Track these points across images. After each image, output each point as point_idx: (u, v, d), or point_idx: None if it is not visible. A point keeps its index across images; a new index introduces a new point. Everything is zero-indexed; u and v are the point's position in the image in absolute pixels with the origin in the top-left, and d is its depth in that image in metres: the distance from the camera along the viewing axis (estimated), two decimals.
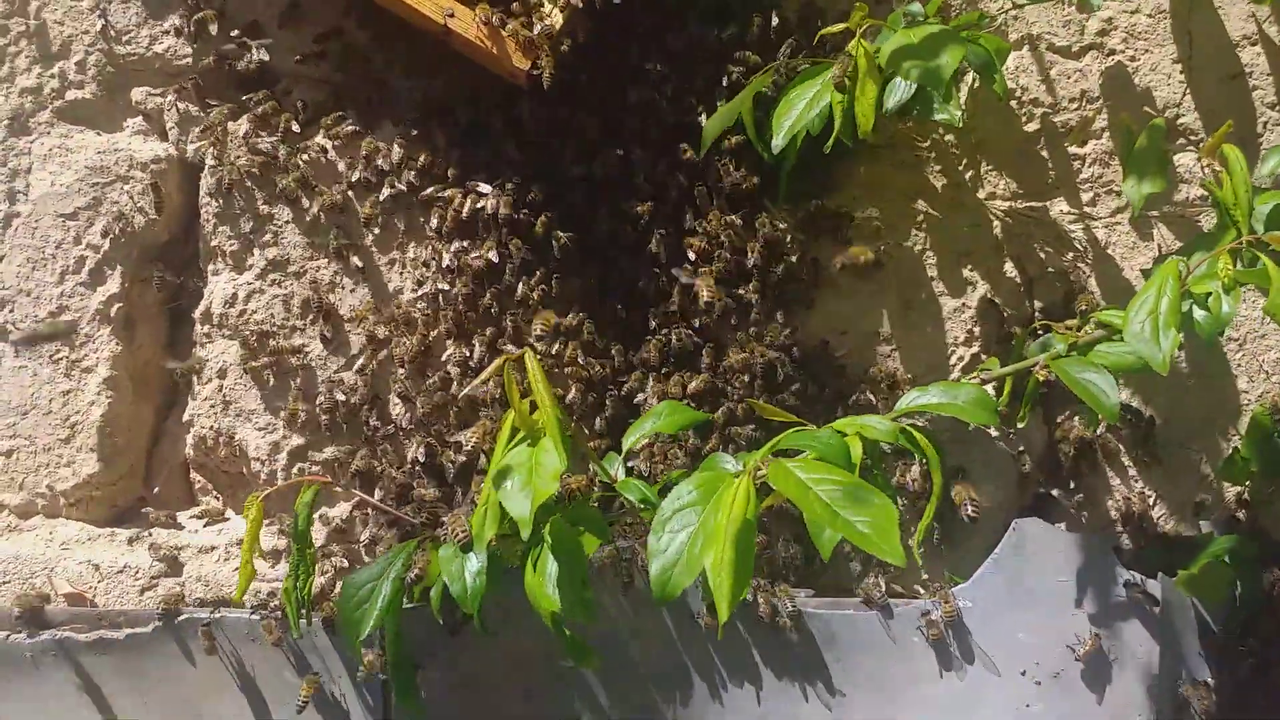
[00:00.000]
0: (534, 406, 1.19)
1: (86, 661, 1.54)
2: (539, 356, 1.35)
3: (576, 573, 1.15)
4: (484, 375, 1.16)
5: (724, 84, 1.65)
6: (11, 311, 1.76)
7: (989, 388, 1.37)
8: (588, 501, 1.32)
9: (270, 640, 1.54)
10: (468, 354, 1.67)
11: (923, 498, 1.57)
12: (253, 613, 1.54)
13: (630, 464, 1.54)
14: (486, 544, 1.18)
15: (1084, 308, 1.46)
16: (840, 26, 1.54)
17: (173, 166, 1.79)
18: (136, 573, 1.69)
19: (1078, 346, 1.28)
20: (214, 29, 1.75)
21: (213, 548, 1.73)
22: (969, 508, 1.41)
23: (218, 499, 1.83)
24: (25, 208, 1.77)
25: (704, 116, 1.64)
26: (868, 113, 1.42)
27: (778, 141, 1.46)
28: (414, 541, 1.37)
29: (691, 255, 1.66)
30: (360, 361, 1.71)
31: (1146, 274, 1.64)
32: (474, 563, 1.19)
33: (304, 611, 1.37)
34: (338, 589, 1.47)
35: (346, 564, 1.68)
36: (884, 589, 1.52)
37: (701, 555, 1.07)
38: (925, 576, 1.65)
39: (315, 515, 1.58)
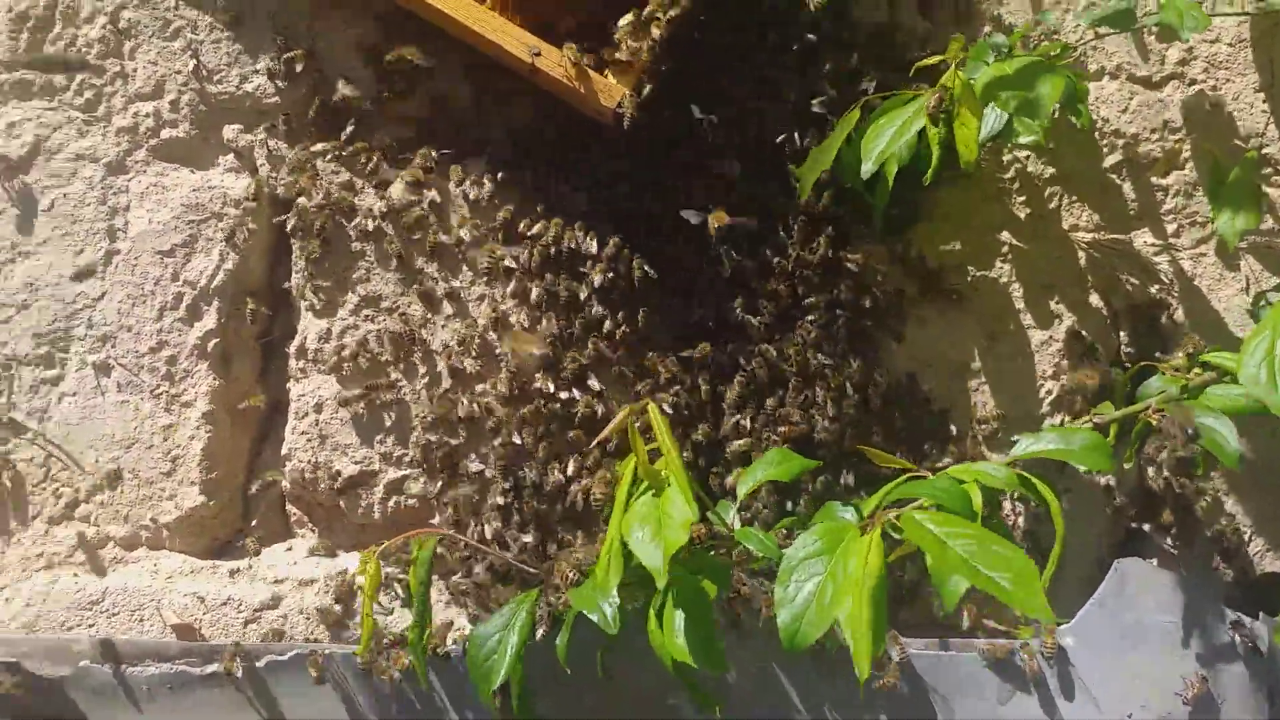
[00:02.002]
0: (654, 455, 1.21)
1: (200, 695, 1.57)
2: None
3: (704, 621, 1.17)
4: (610, 427, 1.17)
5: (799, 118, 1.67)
6: (113, 347, 1.78)
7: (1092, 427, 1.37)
8: (706, 549, 1.33)
9: (381, 677, 1.56)
10: (553, 389, 1.69)
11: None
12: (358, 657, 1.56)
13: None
14: (612, 590, 1.20)
15: (1190, 349, 1.46)
16: (936, 58, 1.54)
17: (264, 203, 1.81)
18: (240, 605, 1.72)
19: (1189, 389, 1.28)
20: (300, 68, 1.76)
21: (312, 580, 1.75)
22: None
23: (314, 531, 1.85)
24: (125, 245, 1.79)
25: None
26: (970, 143, 1.42)
27: (868, 167, 1.46)
28: (535, 591, 1.39)
29: (780, 288, 1.67)
30: (452, 397, 1.72)
31: (1249, 309, 1.64)
32: (609, 607, 1.21)
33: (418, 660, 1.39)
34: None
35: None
36: (981, 627, 1.53)
37: (832, 607, 1.08)
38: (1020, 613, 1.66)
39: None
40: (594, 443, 1.53)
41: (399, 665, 1.48)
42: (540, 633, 1.38)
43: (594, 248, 1.67)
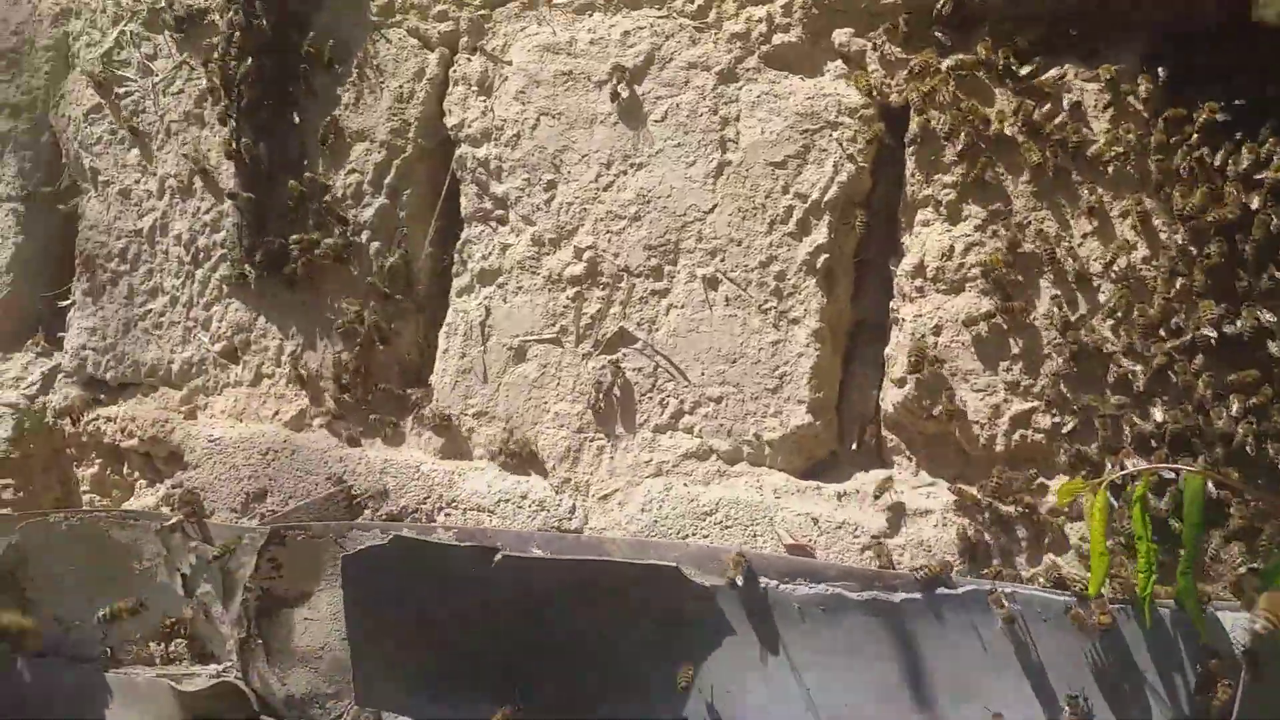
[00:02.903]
0: None
1: (855, 621, 1.73)
2: None
3: None
4: None
5: None
6: (722, 261, 1.98)
7: None
8: None
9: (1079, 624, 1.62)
10: (1222, 315, 1.65)
11: None
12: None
13: None
14: None
15: None
16: None
17: (876, 112, 1.91)
18: (855, 530, 1.87)
19: None
20: None
21: (928, 511, 1.86)
22: None
23: (910, 460, 1.97)
24: (736, 156, 1.98)
25: None
26: None
27: None
28: None
29: None
30: (1096, 322, 1.74)
31: None
32: None
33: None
34: None
35: None
36: None
37: None
38: None
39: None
40: None
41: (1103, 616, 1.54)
42: None
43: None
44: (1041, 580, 1.74)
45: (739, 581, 1.79)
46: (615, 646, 1.83)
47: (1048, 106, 1.80)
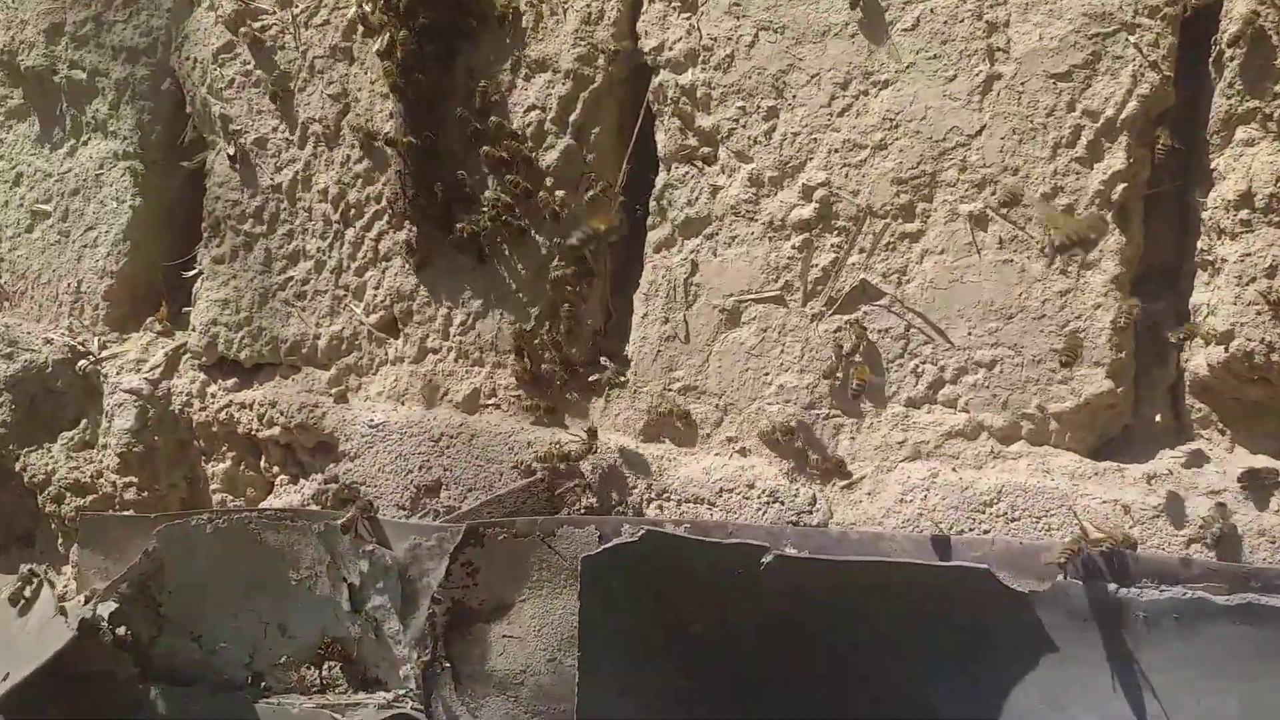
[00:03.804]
0: None
1: (1220, 631, 1.58)
2: None
3: None
4: None
5: None
6: (993, 194, 1.85)
7: None
8: None
9: None
10: None
11: None
12: None
13: None
14: None
15: None
16: None
17: (1179, 9, 1.77)
18: (1178, 520, 1.72)
19: None
20: None
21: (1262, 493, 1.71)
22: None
23: (1222, 433, 1.82)
24: (1007, 68, 1.86)
25: None
26: None
27: None
28: None
29: None
30: None
31: None
32: None
33: None
34: None
35: None
36: None
37: None
38: None
39: None
40: None
41: None
42: None
43: None
44: None
45: (1070, 585, 1.67)
46: (902, 665, 1.71)
47: None
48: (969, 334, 1.89)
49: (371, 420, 2.24)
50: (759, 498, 1.96)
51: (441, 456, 2.15)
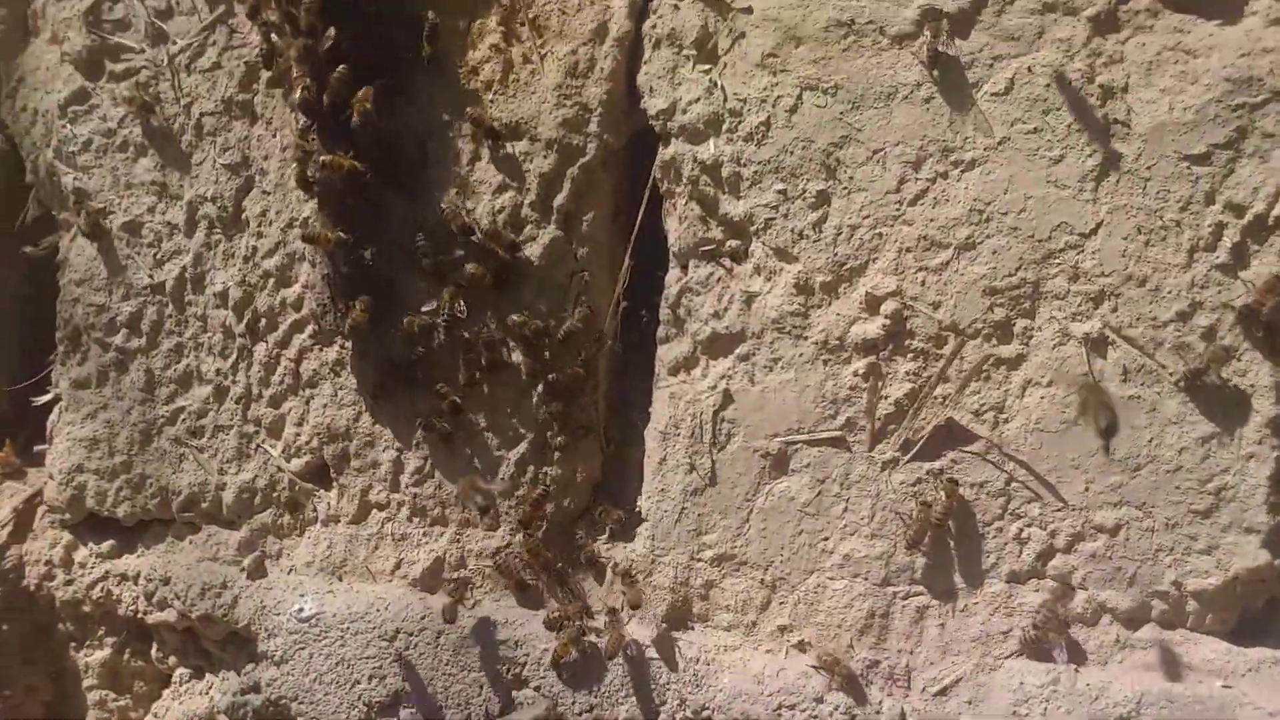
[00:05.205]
0: None
1: None
2: None
3: None
4: None
5: None
6: (1114, 309, 1.79)
7: None
8: None
9: None
10: None
11: None
12: None
13: None
14: None
15: None
16: None
17: None
18: None
19: None
20: None
21: None
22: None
23: None
24: (1128, 147, 1.80)
25: None
26: None
27: None
28: None
29: None
30: None
31: None
32: None
33: None
34: None
35: None
36: None
37: None
38: None
39: None
40: None
41: None
42: None
43: None
44: None
45: None
46: None
47: None
48: (1086, 490, 1.84)
49: (300, 612, 2.10)
50: (832, 715, 1.87)
51: (398, 662, 2.02)
